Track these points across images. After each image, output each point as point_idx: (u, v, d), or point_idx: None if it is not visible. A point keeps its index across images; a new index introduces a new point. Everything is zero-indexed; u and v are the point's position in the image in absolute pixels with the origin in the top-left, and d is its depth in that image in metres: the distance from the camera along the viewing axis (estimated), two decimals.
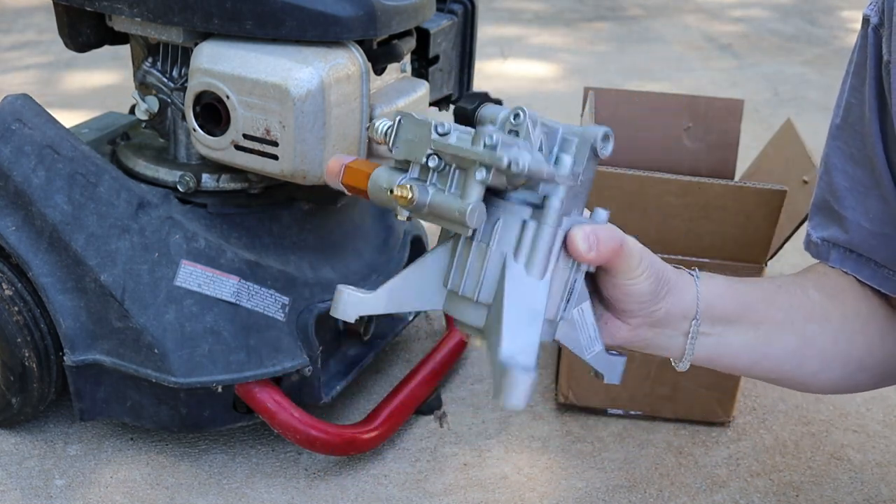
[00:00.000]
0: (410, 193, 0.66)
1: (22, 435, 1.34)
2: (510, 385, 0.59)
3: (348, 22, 1.12)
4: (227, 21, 1.12)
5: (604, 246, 0.69)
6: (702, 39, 3.78)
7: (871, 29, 0.85)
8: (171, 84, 1.25)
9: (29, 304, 1.21)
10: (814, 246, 0.93)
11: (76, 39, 1.27)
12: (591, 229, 0.68)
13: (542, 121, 0.68)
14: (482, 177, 0.63)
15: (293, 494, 1.26)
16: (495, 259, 0.68)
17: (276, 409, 1.22)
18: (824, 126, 0.97)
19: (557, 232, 0.68)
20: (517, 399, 0.59)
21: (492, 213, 0.67)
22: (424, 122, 0.67)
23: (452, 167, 0.66)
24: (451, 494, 1.27)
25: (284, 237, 1.29)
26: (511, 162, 0.61)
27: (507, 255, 0.67)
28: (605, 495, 1.28)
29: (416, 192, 0.66)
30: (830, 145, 0.91)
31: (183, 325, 1.18)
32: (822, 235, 0.92)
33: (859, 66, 0.87)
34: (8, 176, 1.20)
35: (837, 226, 0.90)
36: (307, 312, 1.24)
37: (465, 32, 1.40)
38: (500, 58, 3.35)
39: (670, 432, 1.41)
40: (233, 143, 1.15)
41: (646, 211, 1.26)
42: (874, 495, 1.30)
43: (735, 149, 1.64)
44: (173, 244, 1.19)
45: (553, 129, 0.69)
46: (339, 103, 1.12)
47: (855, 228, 0.89)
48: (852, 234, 0.89)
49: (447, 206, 0.66)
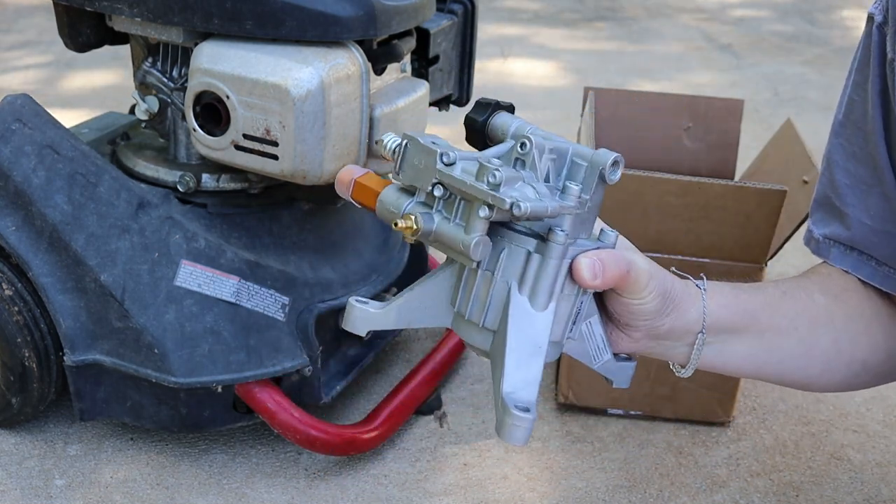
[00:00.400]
0: (415, 225, 0.66)
1: (22, 435, 1.34)
2: (512, 425, 0.63)
3: (348, 22, 1.12)
4: (227, 21, 1.12)
5: (609, 273, 0.69)
6: (702, 39, 3.78)
7: (875, 27, 0.85)
8: (171, 84, 1.25)
9: (29, 304, 1.21)
10: (814, 242, 0.94)
11: (76, 39, 1.27)
12: (597, 257, 0.68)
13: (551, 143, 0.68)
14: (485, 214, 0.63)
15: (293, 494, 1.26)
16: (500, 287, 0.68)
17: (276, 409, 1.22)
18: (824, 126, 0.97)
19: (562, 263, 0.68)
20: (518, 439, 0.63)
21: (497, 242, 0.67)
22: (431, 149, 0.66)
23: (458, 198, 0.66)
24: (451, 494, 1.27)
25: (284, 237, 1.29)
26: (513, 205, 0.61)
27: (512, 286, 0.68)
28: (605, 495, 1.28)
29: (421, 223, 0.66)
30: (832, 142, 0.91)
31: (183, 325, 1.18)
32: (824, 232, 0.92)
33: (862, 64, 0.87)
34: (8, 176, 1.20)
35: (839, 222, 0.90)
36: (307, 312, 1.24)
37: (465, 32, 1.40)
38: (500, 57, 3.35)
39: (670, 432, 1.41)
40: (233, 143, 1.15)
41: (646, 211, 1.26)
42: (874, 495, 1.30)
43: (735, 149, 1.64)
44: (173, 244, 1.19)
45: (562, 152, 0.68)
46: (339, 103, 1.12)
47: (856, 225, 0.89)
48: (853, 231, 0.89)
49: (452, 238, 0.66)
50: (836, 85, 3.15)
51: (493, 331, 0.70)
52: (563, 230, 0.66)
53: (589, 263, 0.68)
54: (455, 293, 0.72)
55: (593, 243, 0.70)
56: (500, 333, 0.68)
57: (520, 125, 0.70)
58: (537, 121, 0.74)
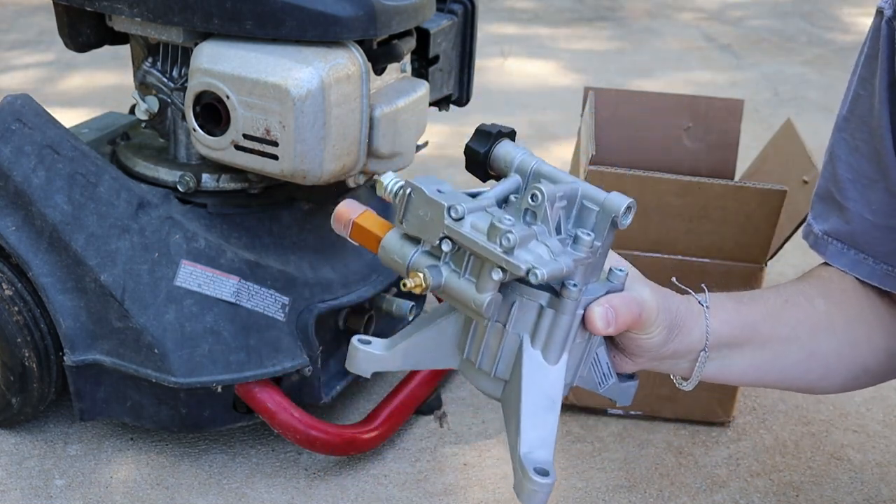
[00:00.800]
0: (423, 283, 0.64)
1: (22, 435, 1.34)
2: (531, 490, 0.63)
3: (348, 22, 1.11)
4: (227, 21, 1.12)
5: (622, 319, 0.69)
6: (702, 39, 3.78)
7: (884, 21, 0.84)
8: (171, 84, 1.25)
9: (29, 304, 1.21)
10: (812, 237, 0.94)
11: (76, 39, 1.27)
12: (609, 304, 0.68)
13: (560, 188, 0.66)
14: (499, 277, 0.62)
15: (293, 494, 1.26)
16: (511, 340, 0.68)
17: (276, 409, 1.22)
18: (824, 126, 0.97)
19: (575, 315, 0.67)
20: (537, 503, 0.63)
21: (508, 294, 0.66)
22: (437, 202, 0.64)
23: (467, 252, 0.64)
24: (451, 494, 1.27)
25: (284, 237, 1.29)
26: (530, 272, 0.60)
27: (524, 339, 0.67)
28: (605, 495, 1.28)
29: (430, 280, 0.64)
30: (836, 136, 0.91)
31: (183, 325, 1.18)
32: (823, 228, 0.92)
33: (870, 58, 0.86)
34: (8, 176, 1.20)
35: (838, 216, 0.90)
36: (307, 312, 1.24)
37: (465, 32, 1.40)
38: (500, 57, 3.35)
39: (670, 432, 1.41)
40: (233, 143, 1.15)
41: (646, 211, 1.26)
42: (874, 495, 1.30)
43: (735, 149, 1.64)
44: (173, 244, 1.19)
45: (571, 196, 0.66)
46: (339, 103, 1.12)
47: (856, 220, 0.88)
48: (853, 226, 0.89)
49: (462, 294, 0.65)
50: (836, 85, 3.15)
51: (505, 380, 0.69)
52: (575, 285, 0.65)
53: (602, 313, 0.68)
54: (463, 338, 0.71)
55: (603, 286, 0.69)
56: (513, 384, 0.68)
57: (524, 158, 0.69)
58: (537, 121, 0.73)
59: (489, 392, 0.71)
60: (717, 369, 0.82)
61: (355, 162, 1.18)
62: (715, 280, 1.29)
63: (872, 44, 0.86)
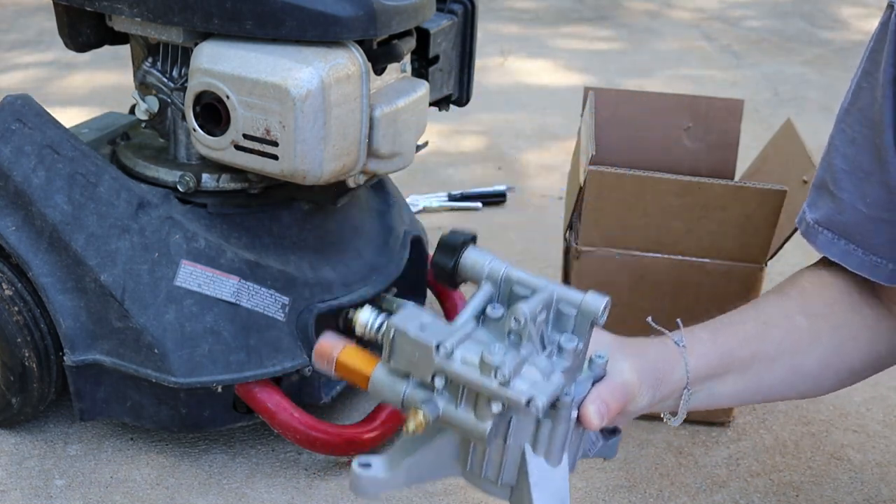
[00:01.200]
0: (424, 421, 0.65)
1: (22, 435, 1.34)
2: None
3: (348, 22, 1.11)
4: (227, 21, 1.12)
5: (614, 409, 0.71)
6: (702, 39, 3.78)
7: (894, 14, 0.84)
8: (171, 84, 1.25)
9: (29, 304, 1.21)
10: (805, 224, 0.94)
11: (76, 39, 1.27)
12: (601, 399, 0.70)
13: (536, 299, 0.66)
14: (498, 409, 0.63)
15: (293, 494, 1.26)
16: (513, 450, 0.69)
17: (276, 409, 1.22)
18: (824, 126, 0.97)
19: (571, 420, 0.68)
20: None
21: (504, 413, 0.66)
22: (424, 344, 0.64)
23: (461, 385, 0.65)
24: (451, 494, 1.27)
25: (284, 237, 1.29)
26: (530, 402, 0.61)
27: (526, 448, 0.69)
28: (605, 495, 1.28)
29: (430, 416, 0.65)
30: (836, 127, 0.91)
31: (183, 325, 1.18)
32: (815, 217, 0.92)
33: (875, 52, 0.86)
34: (8, 176, 1.20)
35: (832, 206, 0.91)
36: (307, 312, 1.24)
37: (465, 32, 1.40)
38: (500, 57, 3.35)
39: (670, 432, 1.41)
40: (233, 143, 1.15)
41: (646, 211, 1.26)
42: (874, 495, 1.30)
43: (735, 149, 1.64)
44: (173, 244, 1.19)
45: (547, 303, 0.67)
46: (339, 103, 1.12)
47: (849, 210, 0.89)
48: (846, 216, 0.89)
49: (462, 423, 0.66)
50: (836, 85, 3.15)
51: (511, 485, 0.71)
52: (567, 394, 0.67)
53: (596, 410, 0.70)
54: (463, 453, 0.71)
55: (587, 378, 0.71)
56: (520, 488, 0.69)
57: (493, 266, 0.69)
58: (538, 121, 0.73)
59: (497, 496, 0.72)
60: (704, 399, 0.84)
61: (355, 162, 1.18)
62: (715, 280, 1.29)
63: (879, 37, 0.86)
